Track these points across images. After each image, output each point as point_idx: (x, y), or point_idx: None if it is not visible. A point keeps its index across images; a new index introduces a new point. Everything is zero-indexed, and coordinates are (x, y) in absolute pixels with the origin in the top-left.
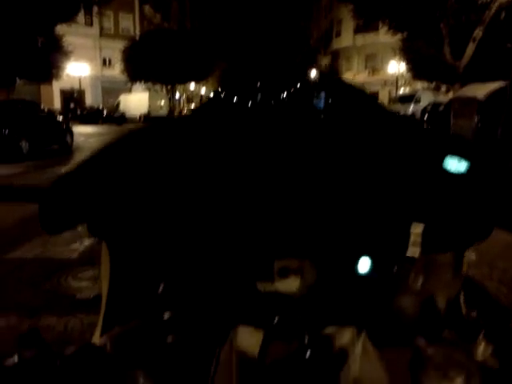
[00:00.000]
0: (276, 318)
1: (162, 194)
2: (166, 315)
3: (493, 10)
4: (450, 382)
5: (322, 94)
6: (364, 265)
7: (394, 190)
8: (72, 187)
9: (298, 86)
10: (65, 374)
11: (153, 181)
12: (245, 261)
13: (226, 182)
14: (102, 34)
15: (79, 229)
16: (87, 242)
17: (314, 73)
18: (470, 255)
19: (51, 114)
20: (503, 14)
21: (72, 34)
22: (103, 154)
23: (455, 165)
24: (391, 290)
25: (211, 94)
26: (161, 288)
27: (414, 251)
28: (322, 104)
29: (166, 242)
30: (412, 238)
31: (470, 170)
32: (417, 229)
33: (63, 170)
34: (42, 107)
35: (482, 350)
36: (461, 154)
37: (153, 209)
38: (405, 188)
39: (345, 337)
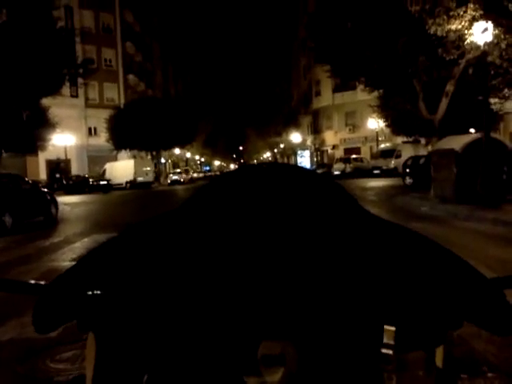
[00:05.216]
0: None
1: (151, 291)
2: None
3: (461, 66)
4: None
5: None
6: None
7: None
8: (71, 286)
9: None
10: None
11: (144, 280)
12: (229, 348)
13: (209, 272)
14: (87, 104)
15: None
16: None
17: (296, 136)
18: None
19: (36, 185)
20: (471, 70)
21: (57, 106)
22: (99, 253)
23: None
24: None
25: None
26: (145, 379)
27: (387, 350)
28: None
29: (152, 334)
30: (385, 338)
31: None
32: (389, 329)
33: (47, 243)
34: (26, 179)
35: None
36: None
37: (143, 303)
38: (379, 291)
39: None
